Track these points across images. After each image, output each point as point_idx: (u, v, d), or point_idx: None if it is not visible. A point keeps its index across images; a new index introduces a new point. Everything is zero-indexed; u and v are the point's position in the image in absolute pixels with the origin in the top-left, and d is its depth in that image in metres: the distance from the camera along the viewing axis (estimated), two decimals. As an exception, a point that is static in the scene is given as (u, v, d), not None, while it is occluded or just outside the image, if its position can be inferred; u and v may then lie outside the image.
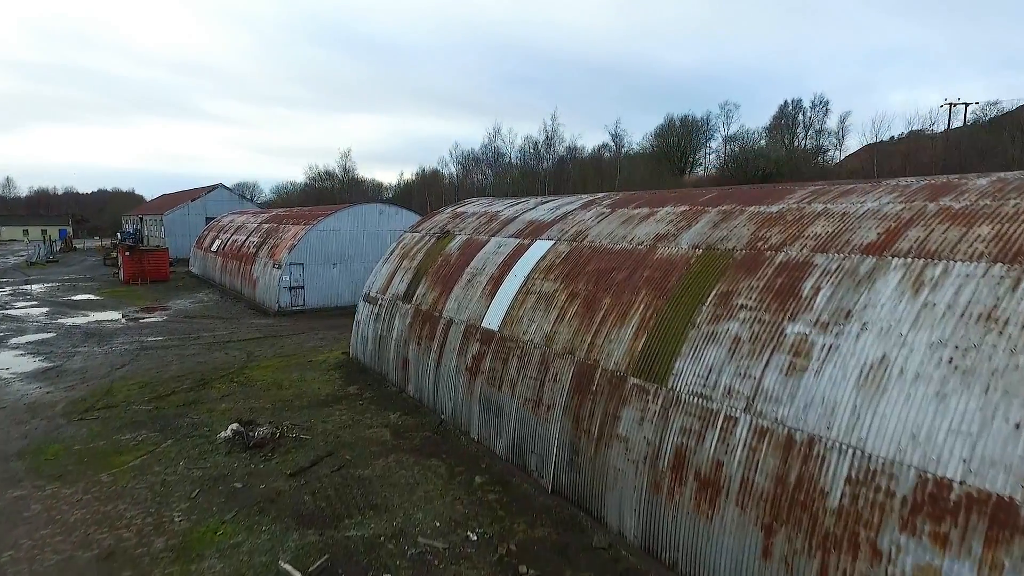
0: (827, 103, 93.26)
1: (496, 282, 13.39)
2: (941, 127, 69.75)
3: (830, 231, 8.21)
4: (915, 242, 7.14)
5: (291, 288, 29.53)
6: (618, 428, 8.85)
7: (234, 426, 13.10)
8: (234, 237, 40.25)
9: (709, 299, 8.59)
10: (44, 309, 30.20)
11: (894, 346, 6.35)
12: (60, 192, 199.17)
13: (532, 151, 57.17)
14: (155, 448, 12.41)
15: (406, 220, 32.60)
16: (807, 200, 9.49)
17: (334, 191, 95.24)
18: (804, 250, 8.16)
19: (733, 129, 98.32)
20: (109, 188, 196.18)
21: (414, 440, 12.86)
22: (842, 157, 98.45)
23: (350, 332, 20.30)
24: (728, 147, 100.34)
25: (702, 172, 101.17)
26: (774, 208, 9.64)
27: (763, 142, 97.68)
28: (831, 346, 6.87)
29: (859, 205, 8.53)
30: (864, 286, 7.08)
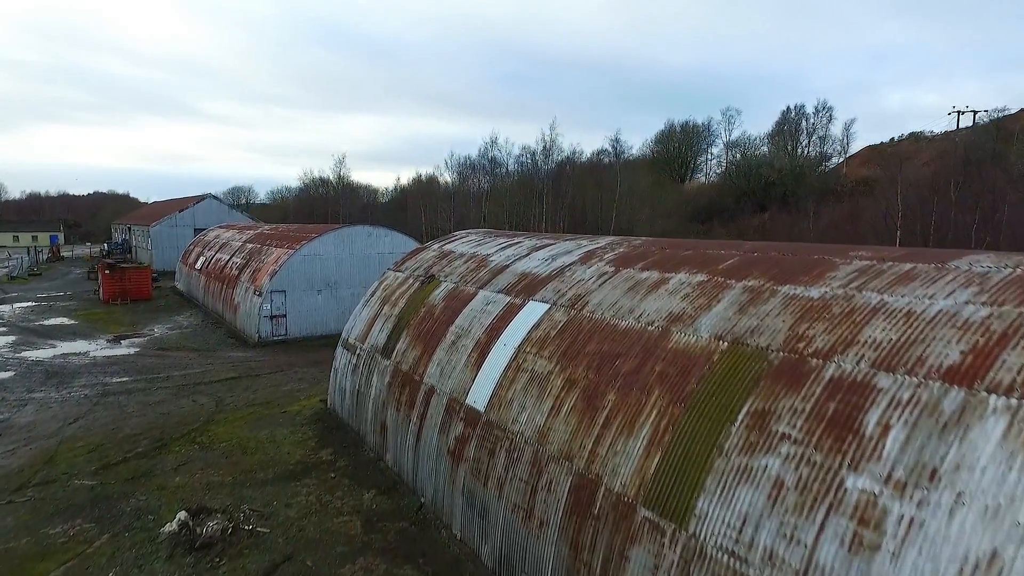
0: (831, 109, 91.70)
1: (483, 349, 11.70)
2: (954, 133, 68.05)
3: (894, 339, 6.51)
4: (1019, 373, 5.44)
5: (272, 317, 27.83)
6: (625, 572, 7.16)
7: (182, 516, 11.41)
8: (218, 256, 38.54)
9: (740, 418, 6.89)
10: (10, 338, 28.46)
11: (1009, 540, 4.66)
12: (55, 195, 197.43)
13: (530, 161, 55.76)
14: (86, 548, 10.70)
15: (396, 243, 30.92)
16: (856, 283, 7.79)
17: (328, 198, 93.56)
18: (862, 363, 6.46)
19: (735, 135, 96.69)
20: (105, 191, 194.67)
21: (388, 534, 11.15)
22: (843, 159, 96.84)
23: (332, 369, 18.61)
24: (730, 153, 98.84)
25: (703, 179, 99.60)
26: (814, 292, 7.94)
27: (765, 148, 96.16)
28: (912, 520, 5.17)
29: (927, 301, 6.84)
30: (953, 433, 5.38)
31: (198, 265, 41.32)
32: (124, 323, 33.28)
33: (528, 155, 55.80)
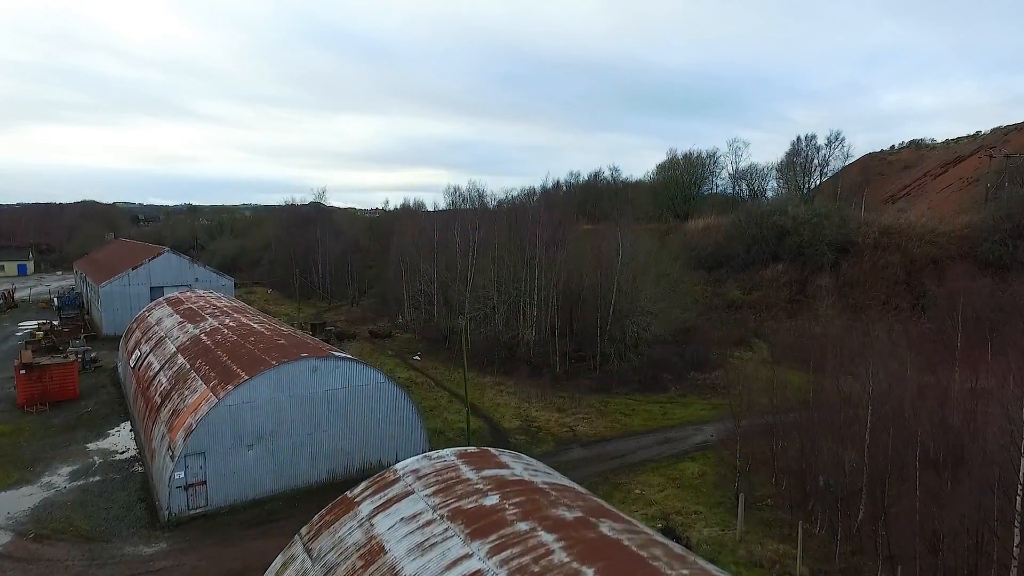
0: (844, 142, 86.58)
1: None
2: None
3: None
4: None
5: (188, 487, 22.01)
6: None
7: None
8: (150, 358, 32.65)
9: None
10: None
11: None
12: (43, 203, 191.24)
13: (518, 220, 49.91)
14: None
15: (350, 376, 25.15)
16: None
17: (308, 229, 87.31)
18: None
19: (743, 165, 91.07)
20: (95, 198, 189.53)
21: None
22: (842, 167, 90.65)
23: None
24: (736, 185, 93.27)
25: (709, 208, 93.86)
26: None
27: (774, 182, 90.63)
28: None
29: None
30: None
31: (132, 361, 35.43)
32: (23, 459, 27.40)
33: (518, 211, 50.07)
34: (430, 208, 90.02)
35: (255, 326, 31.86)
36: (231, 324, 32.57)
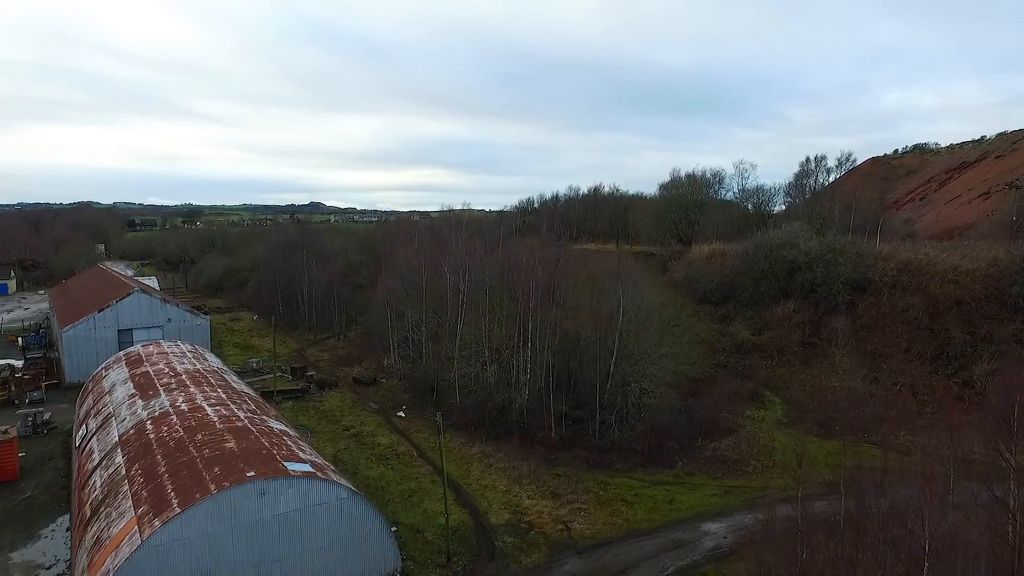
0: (854, 161, 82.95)
1: None
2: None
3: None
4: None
5: (103, 648, 18.34)
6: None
7: None
8: (93, 443, 29.01)
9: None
10: None
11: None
12: (41, 203, 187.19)
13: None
14: None
15: (305, 495, 21.48)
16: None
17: (294, 255, 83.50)
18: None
19: (750, 186, 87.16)
20: (95, 199, 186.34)
21: None
22: (844, 172, 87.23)
23: None
24: (741, 205, 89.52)
25: (714, 229, 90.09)
26: None
27: (782, 204, 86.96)
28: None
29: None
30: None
31: (79, 439, 31.78)
32: (-66, 579, 23.77)
33: (511, 259, 46.64)
34: (425, 210, 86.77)
35: (208, 412, 28.12)
36: (183, 407, 28.84)
